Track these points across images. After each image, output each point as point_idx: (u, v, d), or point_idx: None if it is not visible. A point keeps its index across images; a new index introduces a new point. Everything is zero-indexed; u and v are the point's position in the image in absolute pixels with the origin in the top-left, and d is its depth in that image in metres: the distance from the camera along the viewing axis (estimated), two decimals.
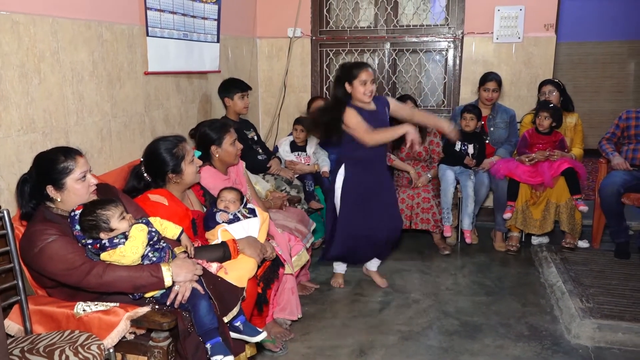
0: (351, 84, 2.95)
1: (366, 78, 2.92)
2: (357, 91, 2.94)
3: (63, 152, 1.94)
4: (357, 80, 2.93)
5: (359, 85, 2.93)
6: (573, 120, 4.02)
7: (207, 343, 1.89)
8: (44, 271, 1.84)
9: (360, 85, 2.92)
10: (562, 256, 3.69)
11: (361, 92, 2.93)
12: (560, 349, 2.65)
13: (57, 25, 2.30)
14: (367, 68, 2.96)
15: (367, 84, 2.92)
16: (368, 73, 2.93)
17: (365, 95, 2.93)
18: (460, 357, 2.58)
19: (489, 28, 4.34)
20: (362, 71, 2.92)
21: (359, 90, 2.93)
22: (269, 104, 4.90)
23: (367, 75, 2.92)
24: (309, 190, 3.81)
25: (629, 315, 2.83)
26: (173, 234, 2.10)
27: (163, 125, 3.23)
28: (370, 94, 2.94)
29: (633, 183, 3.64)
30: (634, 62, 6.93)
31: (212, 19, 3.62)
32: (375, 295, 3.26)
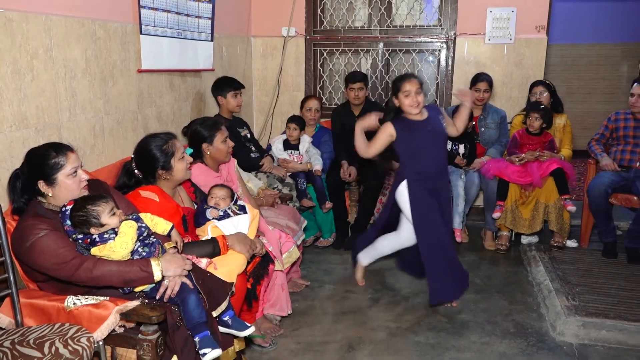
0: (397, 97, 2.92)
1: (409, 89, 2.85)
2: (403, 104, 2.89)
3: (54, 147, 1.97)
4: (401, 92, 2.88)
5: (403, 98, 2.88)
6: (562, 122, 4.06)
7: (196, 337, 1.92)
8: (35, 265, 1.87)
9: (404, 97, 2.88)
10: (551, 255, 3.74)
11: (406, 104, 2.88)
12: (544, 345, 2.69)
13: (50, 22, 2.33)
14: (411, 79, 2.89)
15: (411, 95, 2.86)
16: (411, 83, 2.86)
17: (412, 107, 2.88)
18: (446, 353, 2.62)
19: (481, 29, 4.39)
20: (405, 82, 2.87)
21: (404, 103, 2.89)
22: (262, 103, 4.93)
23: (410, 86, 2.86)
24: (301, 188, 3.85)
25: (613, 313, 2.88)
26: (164, 230, 2.13)
27: (156, 123, 3.26)
28: (416, 104, 2.87)
29: (621, 184, 3.69)
30: (626, 64, 6.99)
31: (206, 18, 3.65)
32: (365, 293, 3.30)
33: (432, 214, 2.94)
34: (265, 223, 2.85)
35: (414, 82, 2.87)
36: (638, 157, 3.71)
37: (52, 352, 1.68)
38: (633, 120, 3.79)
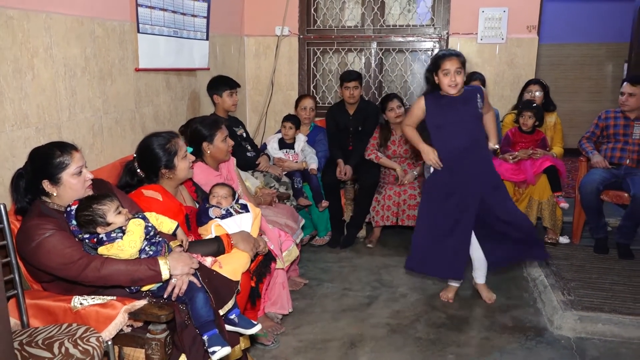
0: (436, 74, 2.81)
1: (449, 67, 2.74)
2: (442, 82, 2.80)
3: (59, 146, 1.95)
4: (441, 70, 2.78)
5: (442, 76, 2.78)
6: (553, 120, 4.13)
7: (205, 335, 1.91)
8: (41, 265, 1.85)
9: (443, 76, 2.77)
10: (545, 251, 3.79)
11: (445, 84, 2.78)
12: (543, 339, 2.74)
13: (50, 20, 2.31)
14: (452, 57, 2.76)
15: (450, 74, 2.75)
16: (452, 62, 2.74)
17: (450, 87, 2.78)
18: (447, 348, 2.65)
19: (473, 29, 4.44)
20: (445, 60, 2.75)
21: (442, 82, 2.79)
22: (256, 102, 4.93)
23: (450, 65, 2.74)
24: (298, 187, 3.86)
25: (608, 307, 2.93)
26: (169, 229, 2.13)
27: (153, 122, 3.24)
28: (454, 85, 2.76)
29: (611, 181, 3.76)
30: (611, 63, 7.11)
31: (201, 17, 3.64)
32: (364, 290, 3.32)
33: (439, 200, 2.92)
34: (265, 221, 2.85)
35: (455, 61, 2.75)
36: (628, 155, 3.79)
37: (63, 352, 1.67)
38: (623, 118, 3.86)
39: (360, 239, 4.21)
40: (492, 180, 2.94)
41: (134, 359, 1.95)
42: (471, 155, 2.88)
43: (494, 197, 2.91)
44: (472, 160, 2.88)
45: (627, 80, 3.83)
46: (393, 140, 4.09)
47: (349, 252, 3.98)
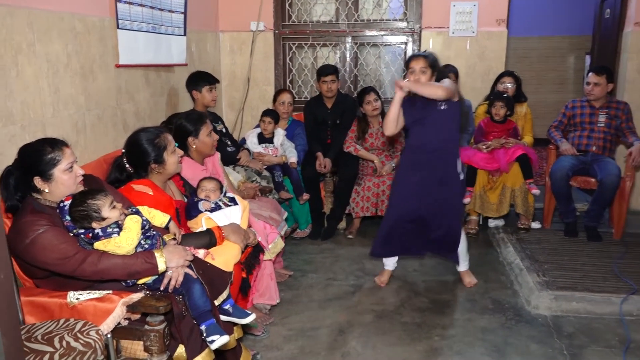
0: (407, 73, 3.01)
1: (413, 66, 2.93)
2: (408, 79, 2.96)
3: (49, 143, 1.95)
4: (408, 70, 2.99)
5: (409, 74, 2.97)
6: (523, 110, 4.29)
7: (202, 325, 1.95)
8: (37, 261, 1.85)
9: (409, 74, 2.96)
10: (518, 236, 3.95)
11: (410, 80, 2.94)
12: (522, 319, 2.87)
13: (32, 16, 2.29)
14: (418, 57, 2.95)
15: (415, 73, 2.93)
16: (417, 61, 2.93)
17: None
18: (433, 330, 2.75)
19: (445, 23, 4.56)
20: (411, 60, 2.97)
21: (409, 79, 2.95)
22: (233, 98, 4.94)
23: (414, 64, 2.93)
24: (278, 180, 3.90)
25: (581, 286, 3.09)
26: (161, 222, 2.15)
27: (134, 119, 3.24)
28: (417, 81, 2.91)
29: (579, 167, 3.94)
30: (573, 55, 7.38)
31: (178, 12, 3.64)
32: (348, 279, 3.40)
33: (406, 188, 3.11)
34: (251, 215, 2.89)
35: (420, 60, 2.93)
36: (594, 142, 3.97)
37: (64, 346, 1.68)
38: (589, 107, 4.04)
39: (340, 230, 4.28)
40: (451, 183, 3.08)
41: (132, 352, 1.98)
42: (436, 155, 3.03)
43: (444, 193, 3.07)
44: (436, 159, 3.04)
45: (593, 71, 4.01)
46: (371, 133, 4.17)
47: (330, 243, 4.06)
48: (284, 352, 2.57)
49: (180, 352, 1.98)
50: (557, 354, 2.53)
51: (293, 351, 2.58)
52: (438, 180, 3.05)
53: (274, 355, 2.54)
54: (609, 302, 2.94)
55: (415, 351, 2.56)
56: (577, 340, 2.65)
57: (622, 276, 3.21)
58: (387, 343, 2.64)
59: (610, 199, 3.86)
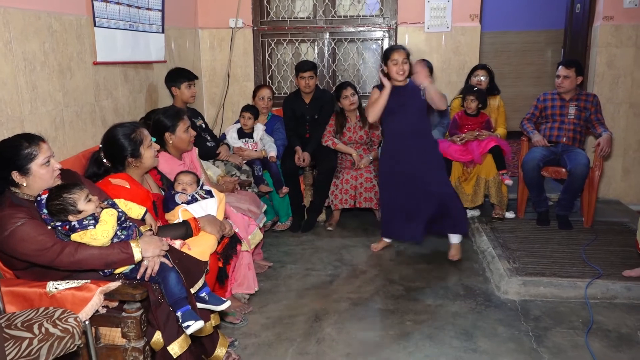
0: (387, 64, 3.30)
1: (397, 58, 3.23)
2: (391, 71, 3.28)
3: (26, 138, 2.01)
4: (390, 61, 3.27)
5: (392, 66, 3.26)
6: (496, 102, 4.40)
7: (178, 311, 2.02)
8: (16, 253, 1.91)
9: (392, 65, 3.26)
10: (492, 226, 4.07)
11: (393, 72, 3.27)
12: (491, 303, 2.98)
13: (8, 15, 2.34)
14: (399, 49, 3.26)
15: (398, 64, 3.24)
16: (399, 53, 3.24)
17: (398, 74, 3.26)
18: (405, 316, 2.85)
19: (420, 18, 4.65)
20: (393, 52, 3.26)
21: (391, 70, 3.27)
22: (213, 94, 5.00)
23: (398, 55, 3.24)
24: (258, 174, 3.98)
25: (549, 271, 3.21)
26: (138, 214, 2.22)
27: (113, 115, 3.29)
28: (402, 72, 3.26)
29: (551, 157, 4.07)
30: (550, 49, 7.51)
31: (156, 10, 3.69)
32: (325, 270, 3.49)
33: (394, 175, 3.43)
34: (229, 207, 2.97)
35: (402, 52, 3.26)
36: (564, 133, 4.10)
37: (43, 332, 1.74)
38: (559, 99, 4.17)
39: (320, 222, 4.37)
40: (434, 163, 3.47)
41: (110, 338, 2.04)
42: (414, 141, 3.39)
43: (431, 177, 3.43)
44: (414, 144, 3.39)
45: (562, 64, 4.13)
46: (348, 127, 4.26)
47: (310, 235, 4.15)
48: (261, 339, 2.65)
49: (158, 338, 2.06)
50: (522, 335, 2.65)
51: (270, 338, 2.66)
52: (422, 160, 3.40)
53: (251, 342, 2.63)
54: (575, 287, 3.06)
55: (387, 336, 2.66)
56: (543, 322, 2.77)
57: (589, 262, 3.33)
58: (361, 328, 2.74)
59: (579, 188, 3.99)
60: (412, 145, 3.39)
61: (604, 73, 4.57)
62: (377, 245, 3.81)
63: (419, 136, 3.42)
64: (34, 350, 1.65)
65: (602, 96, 4.39)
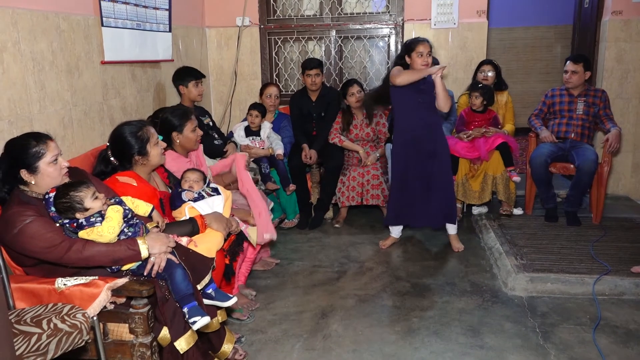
0: (410, 56, 3.32)
1: (423, 50, 3.28)
2: (415, 62, 3.30)
3: (34, 137, 2.04)
4: (415, 52, 3.29)
5: (416, 57, 3.29)
6: (504, 98, 4.38)
7: (185, 307, 2.05)
8: (25, 250, 1.95)
9: (417, 57, 3.29)
10: (500, 222, 4.06)
11: (419, 63, 3.29)
12: (498, 300, 2.98)
13: (16, 16, 2.37)
14: (425, 42, 3.31)
15: (424, 56, 3.28)
16: (425, 46, 3.29)
17: (423, 67, 3.28)
18: (411, 312, 2.86)
19: (427, 15, 4.64)
20: (419, 44, 3.29)
21: (416, 62, 3.30)
22: (220, 92, 5.03)
23: (423, 48, 3.28)
24: (265, 172, 4.00)
25: (557, 268, 3.20)
26: (145, 212, 2.24)
27: (120, 113, 3.32)
28: (427, 64, 3.29)
29: (559, 154, 4.04)
30: (559, 45, 7.45)
31: (163, 9, 3.72)
32: (332, 266, 3.50)
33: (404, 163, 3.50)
34: (254, 195, 2.97)
35: (427, 45, 3.31)
36: (573, 129, 4.07)
37: (52, 328, 1.77)
38: (567, 95, 4.14)
39: (327, 219, 4.38)
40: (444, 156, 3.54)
41: (118, 334, 2.07)
42: (428, 132, 3.43)
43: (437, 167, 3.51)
44: (428, 136, 3.44)
45: (570, 59, 4.10)
46: (355, 124, 4.27)
47: (317, 232, 4.16)
48: (267, 335, 2.67)
49: (165, 333, 2.08)
50: (529, 331, 2.64)
51: (277, 334, 2.68)
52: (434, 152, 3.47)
53: (257, 338, 2.64)
54: (583, 283, 3.04)
55: (393, 332, 2.67)
56: (550, 319, 2.76)
57: (597, 258, 3.31)
58: (367, 325, 2.74)
59: (588, 184, 3.97)
60: (426, 137, 3.45)
61: (613, 68, 4.53)
62: (385, 242, 3.83)
63: (432, 128, 3.48)
64: (42, 345, 1.68)
65: (611, 91, 4.36)
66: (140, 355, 2.02)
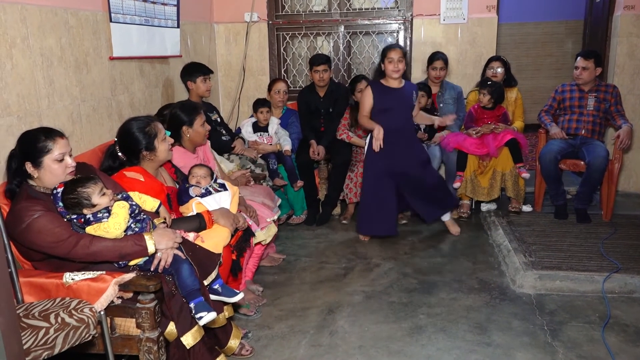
0: (383, 62, 3.42)
1: (393, 56, 3.34)
2: (387, 69, 3.40)
3: (45, 132, 2.05)
4: (386, 59, 3.38)
5: (387, 64, 3.37)
6: (513, 95, 4.35)
7: (191, 303, 2.05)
8: (33, 245, 1.96)
9: (388, 63, 3.37)
10: (509, 219, 4.03)
11: (389, 70, 3.39)
12: (506, 297, 2.96)
13: (25, 12, 2.38)
14: (396, 48, 3.37)
15: (393, 62, 3.35)
16: (395, 52, 3.34)
17: (394, 72, 3.38)
18: (419, 309, 2.85)
19: (436, 10, 4.61)
20: (390, 51, 3.36)
21: (387, 68, 3.39)
22: (229, 88, 5.03)
23: (394, 54, 3.34)
24: (273, 168, 3.99)
25: (565, 265, 3.17)
26: (152, 207, 2.25)
27: (129, 109, 3.33)
28: (397, 70, 3.37)
29: (569, 150, 4.01)
30: (570, 40, 7.38)
31: (171, 5, 3.72)
32: (339, 263, 3.49)
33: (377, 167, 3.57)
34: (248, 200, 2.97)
35: (398, 51, 3.37)
36: (583, 125, 4.03)
37: (59, 322, 1.78)
38: (578, 91, 4.09)
39: (335, 216, 4.38)
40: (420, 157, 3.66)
41: (125, 328, 2.09)
42: (403, 136, 3.54)
43: (420, 169, 3.61)
44: (403, 140, 3.55)
45: (581, 55, 4.05)
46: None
47: (325, 228, 4.15)
48: (274, 331, 2.67)
49: (171, 328, 2.09)
50: (537, 329, 2.62)
51: (283, 330, 2.68)
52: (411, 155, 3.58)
53: (264, 334, 2.65)
54: (592, 281, 3.02)
55: (400, 328, 2.66)
56: (558, 316, 2.74)
57: (608, 255, 3.28)
58: (374, 321, 2.74)
59: (598, 181, 3.93)
60: (401, 142, 3.52)
61: (625, 64, 4.48)
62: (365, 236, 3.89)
63: (407, 133, 3.59)
64: (50, 340, 1.69)
65: (623, 87, 4.30)
66: (147, 349, 2.03)
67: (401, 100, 3.47)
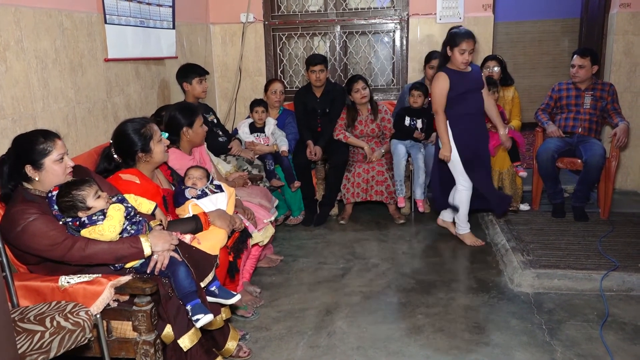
0: (452, 50, 3.30)
1: (466, 48, 3.25)
2: (456, 58, 3.30)
3: (42, 134, 2.04)
4: (458, 48, 3.27)
5: (458, 54, 3.28)
6: (510, 94, 4.34)
7: (188, 305, 2.04)
8: (28, 248, 1.95)
9: (459, 54, 3.27)
10: (506, 218, 4.02)
11: (459, 61, 3.29)
12: (504, 296, 2.95)
13: (19, 14, 2.37)
14: (470, 39, 3.27)
15: (466, 54, 3.27)
16: (469, 44, 3.26)
17: (464, 64, 3.30)
18: (417, 309, 2.84)
19: (432, 9, 4.60)
20: (463, 41, 3.25)
21: (457, 58, 3.29)
22: (225, 89, 5.02)
23: (467, 46, 3.25)
24: (270, 169, 3.98)
25: (563, 264, 3.17)
26: (148, 209, 2.24)
27: (125, 111, 3.32)
28: (467, 62, 3.31)
29: (565, 148, 4.01)
30: (567, 39, 7.39)
31: (166, 6, 3.71)
32: (337, 263, 3.49)
33: (470, 145, 3.47)
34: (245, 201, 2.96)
35: (471, 43, 3.27)
36: (580, 124, 4.03)
37: (55, 326, 1.77)
38: (574, 89, 4.09)
39: (333, 216, 4.37)
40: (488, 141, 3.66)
41: (122, 332, 2.07)
42: (478, 118, 3.52)
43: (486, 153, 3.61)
44: (479, 121, 3.54)
45: (577, 53, 4.05)
46: (360, 120, 4.25)
47: (322, 229, 4.15)
48: (272, 332, 2.67)
49: (168, 331, 2.08)
50: (535, 328, 2.62)
51: (281, 331, 2.67)
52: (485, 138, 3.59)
53: (262, 335, 2.64)
54: (590, 279, 3.01)
55: (398, 329, 2.65)
56: (557, 315, 2.74)
57: (605, 254, 3.28)
58: (372, 322, 2.73)
59: (595, 179, 3.93)
60: (479, 125, 3.53)
61: (621, 61, 4.48)
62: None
63: (482, 116, 3.57)
64: (45, 344, 1.68)
65: (619, 85, 4.31)
66: (144, 352, 2.02)
67: (474, 83, 3.42)
